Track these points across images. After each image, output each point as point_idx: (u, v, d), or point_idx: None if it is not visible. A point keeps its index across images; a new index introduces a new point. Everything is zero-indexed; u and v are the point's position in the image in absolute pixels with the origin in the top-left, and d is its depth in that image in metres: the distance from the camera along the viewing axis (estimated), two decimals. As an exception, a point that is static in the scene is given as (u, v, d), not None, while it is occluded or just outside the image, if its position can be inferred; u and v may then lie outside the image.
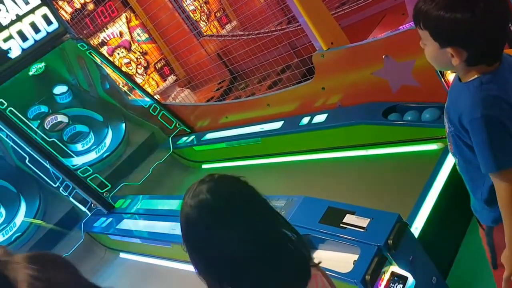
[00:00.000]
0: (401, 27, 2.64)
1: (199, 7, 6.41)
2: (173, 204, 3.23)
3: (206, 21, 6.45)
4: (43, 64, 4.74)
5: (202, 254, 1.13)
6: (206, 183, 1.14)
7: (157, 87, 5.90)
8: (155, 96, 5.06)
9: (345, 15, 4.18)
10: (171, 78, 6.00)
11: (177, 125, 4.46)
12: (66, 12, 5.31)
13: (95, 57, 4.61)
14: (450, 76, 2.41)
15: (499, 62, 1.37)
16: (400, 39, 2.46)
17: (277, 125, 3.50)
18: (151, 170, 4.13)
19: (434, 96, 2.34)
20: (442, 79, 2.40)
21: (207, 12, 6.52)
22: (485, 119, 1.31)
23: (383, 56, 2.58)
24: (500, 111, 1.32)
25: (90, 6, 5.52)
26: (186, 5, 6.11)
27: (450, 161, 2.37)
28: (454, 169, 2.38)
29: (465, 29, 1.29)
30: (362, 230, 1.99)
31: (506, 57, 1.41)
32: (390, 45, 2.55)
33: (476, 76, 1.36)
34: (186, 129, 4.47)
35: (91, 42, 5.40)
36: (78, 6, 5.42)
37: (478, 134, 1.34)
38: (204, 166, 4.26)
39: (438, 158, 2.37)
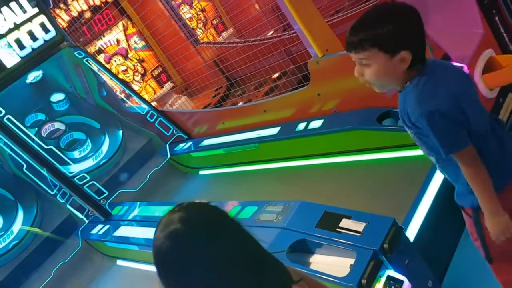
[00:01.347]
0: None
1: (195, 15, 6.46)
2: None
3: (202, 28, 6.49)
4: (40, 72, 4.76)
5: (179, 286, 1.08)
6: (175, 213, 1.10)
7: (154, 94, 5.93)
8: (152, 103, 5.09)
9: (340, 23, 4.22)
10: (168, 85, 6.03)
11: (174, 131, 4.48)
12: (63, 20, 5.35)
13: (92, 64, 4.63)
14: None
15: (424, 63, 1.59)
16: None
17: (274, 131, 3.53)
18: (148, 176, 4.14)
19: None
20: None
21: (204, 20, 6.56)
22: (433, 112, 1.50)
23: (378, 62, 2.61)
24: (437, 103, 1.50)
25: (87, 14, 5.56)
26: (183, 13, 6.16)
27: (444, 166, 2.40)
28: (448, 173, 2.41)
29: (404, 34, 1.51)
30: (358, 234, 2.01)
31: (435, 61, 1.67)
32: (384, 51, 2.58)
33: (411, 79, 1.57)
34: (183, 136, 4.49)
35: (88, 50, 5.43)
36: (75, 14, 5.45)
37: (431, 125, 1.52)
38: (202, 172, 4.28)
39: (432, 163, 2.40)
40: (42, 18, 4.36)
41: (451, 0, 3.04)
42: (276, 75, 4.44)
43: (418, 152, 2.52)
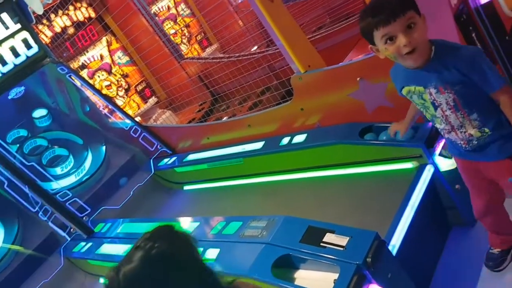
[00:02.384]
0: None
1: (180, 31, 6.50)
2: (154, 227, 3.21)
3: (187, 44, 6.53)
4: (22, 88, 4.72)
5: None
6: (140, 249, 1.16)
7: (138, 109, 5.91)
8: (136, 118, 5.07)
9: (321, 39, 4.30)
10: (152, 100, 6.02)
11: (158, 146, 4.47)
12: (46, 36, 5.33)
13: (75, 80, 4.61)
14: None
15: None
16: (373, 62, 2.54)
17: (258, 145, 3.54)
18: (131, 192, 4.11)
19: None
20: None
21: (188, 35, 6.61)
22: (480, 50, 1.72)
23: (358, 79, 2.67)
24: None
25: (71, 30, 5.55)
26: (167, 29, 6.20)
27: (425, 179, 2.44)
28: (429, 186, 2.45)
29: None
30: (342, 248, 2.02)
31: None
32: (364, 68, 2.63)
33: (431, 49, 1.75)
34: (168, 151, 4.48)
35: (72, 65, 5.41)
36: (58, 30, 5.44)
37: (484, 61, 1.68)
38: (186, 187, 4.26)
39: (413, 176, 2.44)
40: (25, 34, 4.33)
41: (429, 17, 3.12)
42: (259, 90, 4.48)
43: (399, 166, 2.58)
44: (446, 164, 2.42)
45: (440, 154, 2.43)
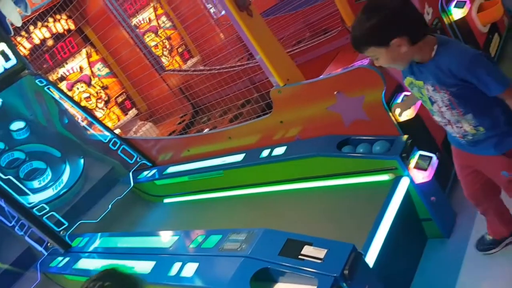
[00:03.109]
0: (352, 64, 2.78)
1: (161, 43, 6.50)
2: (132, 242, 3.19)
3: (168, 56, 6.54)
4: (0, 100, 4.65)
5: None
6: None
7: (118, 121, 5.87)
8: (116, 130, 5.03)
9: (301, 53, 4.36)
10: (132, 112, 5.99)
11: (138, 159, 4.43)
12: (25, 48, 5.27)
13: (54, 92, 4.57)
14: (397, 111, 2.57)
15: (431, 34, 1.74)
16: (350, 76, 2.60)
17: (239, 157, 3.55)
18: (110, 206, 4.06)
19: (383, 129, 2.47)
20: (390, 114, 2.54)
21: (169, 48, 6.61)
22: (478, 54, 1.66)
23: (335, 92, 2.71)
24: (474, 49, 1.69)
25: (50, 42, 5.50)
26: (148, 41, 6.20)
27: (401, 191, 2.49)
28: (405, 198, 2.50)
29: (390, 22, 1.65)
30: (319, 261, 2.04)
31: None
32: (342, 81, 2.68)
33: (432, 47, 1.73)
34: (148, 163, 4.44)
35: (51, 77, 5.36)
36: (37, 42, 5.39)
37: (481, 66, 1.66)
38: (166, 200, 4.23)
39: (390, 188, 2.48)
40: (3, 46, 4.29)
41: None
42: (240, 102, 4.50)
43: (376, 178, 2.62)
44: (421, 176, 2.47)
45: (416, 166, 2.48)
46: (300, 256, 2.09)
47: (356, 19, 1.72)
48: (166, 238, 2.93)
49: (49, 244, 3.77)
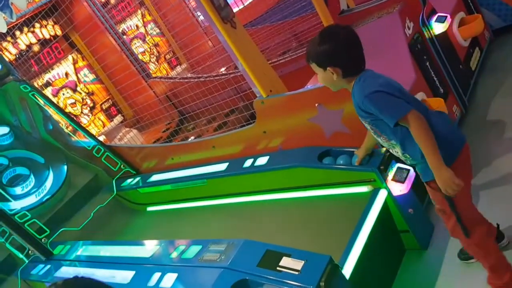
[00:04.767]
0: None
1: (148, 49, 6.51)
2: (114, 250, 3.18)
3: (155, 63, 6.54)
4: (-17, 105, 4.62)
5: None
6: None
7: (103, 127, 5.85)
8: (100, 137, 5.01)
9: (287, 63, 4.40)
10: (118, 119, 5.97)
11: (121, 166, 4.42)
12: (10, 53, 5.24)
13: (38, 98, 4.54)
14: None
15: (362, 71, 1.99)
16: (330, 89, 2.63)
17: (222, 166, 3.57)
18: (92, 214, 4.04)
19: (362, 141, 2.51)
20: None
21: (157, 54, 6.62)
22: (374, 92, 1.86)
23: (316, 104, 2.75)
24: (377, 86, 1.87)
25: (36, 48, 5.48)
26: (135, 48, 6.20)
27: (379, 203, 2.52)
28: (383, 210, 2.53)
29: (332, 54, 1.94)
30: (297, 272, 2.06)
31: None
32: (322, 94, 2.72)
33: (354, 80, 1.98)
34: (132, 171, 4.43)
35: (36, 83, 5.33)
36: (23, 47, 5.36)
37: (375, 102, 1.87)
38: (149, 208, 4.22)
39: (368, 200, 2.52)
40: (-13, 51, 4.27)
41: (385, 46, 3.26)
42: (225, 111, 4.52)
43: (355, 189, 2.66)
44: (399, 188, 2.51)
45: (394, 179, 2.52)
46: (278, 268, 2.11)
47: (314, 38, 1.99)
48: (147, 248, 2.92)
49: (30, 251, 3.74)
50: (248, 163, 3.33)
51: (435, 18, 3.58)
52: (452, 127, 2.03)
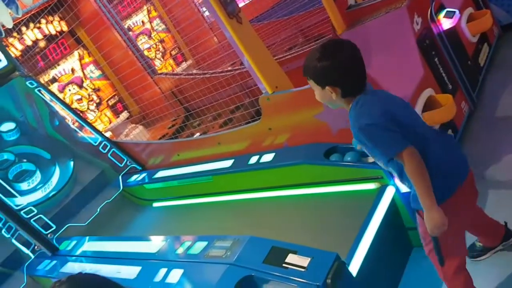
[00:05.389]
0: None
1: (154, 45, 6.49)
2: (120, 246, 3.18)
3: (161, 59, 6.53)
4: (-11, 101, 4.63)
5: None
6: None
7: (110, 123, 5.85)
8: (107, 133, 5.01)
9: (293, 59, 4.37)
10: (124, 115, 5.97)
11: (128, 162, 4.42)
12: (17, 49, 5.25)
13: (45, 94, 4.55)
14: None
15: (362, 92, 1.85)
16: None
17: (228, 163, 3.56)
18: (98, 209, 4.05)
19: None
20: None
21: (162, 51, 6.61)
22: (367, 125, 1.76)
23: (322, 101, 2.72)
24: (370, 117, 1.76)
25: (42, 43, 5.48)
26: (141, 44, 6.18)
27: (386, 200, 2.50)
28: (390, 207, 2.51)
29: (332, 72, 1.80)
30: (303, 269, 2.05)
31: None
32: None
33: (352, 102, 1.85)
34: (137, 167, 4.44)
35: (42, 79, 5.33)
36: (29, 43, 5.36)
37: (368, 137, 1.78)
38: (155, 204, 4.23)
39: (375, 197, 2.50)
40: (-7, 47, 4.28)
41: (393, 42, 3.23)
42: (231, 107, 4.50)
43: (362, 186, 2.64)
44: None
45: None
46: (284, 264, 2.10)
47: (313, 51, 1.85)
48: (153, 243, 2.93)
49: (36, 247, 3.75)
50: (253, 159, 3.32)
51: (443, 13, 3.54)
52: (455, 157, 1.89)
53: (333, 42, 1.96)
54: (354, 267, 2.20)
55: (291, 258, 2.13)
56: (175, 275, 2.40)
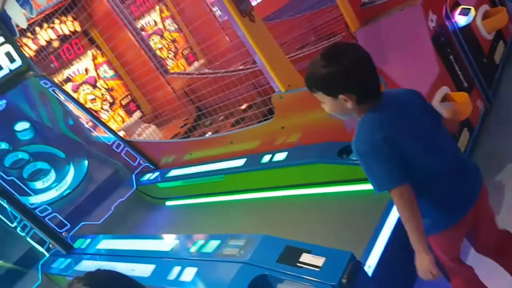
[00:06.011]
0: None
1: (166, 45, 6.52)
2: (134, 244, 3.20)
3: (173, 58, 6.55)
4: (4, 101, 4.69)
5: None
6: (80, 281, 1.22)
7: (123, 123, 5.89)
8: (120, 132, 5.04)
9: (305, 57, 4.35)
10: (137, 114, 6.01)
11: (141, 161, 4.45)
12: (30, 49, 5.31)
13: (59, 94, 4.60)
14: None
15: (379, 98, 1.67)
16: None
17: (240, 162, 3.56)
18: (112, 208, 4.08)
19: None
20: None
21: (175, 50, 6.63)
22: (365, 151, 1.64)
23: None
24: (370, 142, 1.62)
25: (56, 43, 5.53)
26: (154, 43, 6.21)
27: (402, 199, 2.47)
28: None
29: (344, 77, 1.60)
30: (317, 269, 2.03)
31: (388, 92, 1.75)
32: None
33: (365, 111, 1.68)
34: (151, 166, 4.46)
35: (56, 79, 5.38)
36: (43, 43, 5.42)
37: (363, 163, 1.66)
38: (168, 203, 4.24)
39: (390, 197, 2.46)
40: (8, 47, 4.32)
41: (408, 39, 3.20)
42: (243, 106, 4.50)
43: (377, 186, 2.61)
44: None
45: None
46: (298, 264, 2.09)
47: (314, 61, 1.66)
48: (166, 242, 2.94)
49: (50, 245, 3.78)
50: (266, 158, 3.32)
51: (458, 10, 3.49)
52: (464, 190, 1.74)
53: (333, 46, 1.79)
54: (369, 267, 2.17)
55: (305, 257, 2.12)
56: (189, 273, 2.41)
